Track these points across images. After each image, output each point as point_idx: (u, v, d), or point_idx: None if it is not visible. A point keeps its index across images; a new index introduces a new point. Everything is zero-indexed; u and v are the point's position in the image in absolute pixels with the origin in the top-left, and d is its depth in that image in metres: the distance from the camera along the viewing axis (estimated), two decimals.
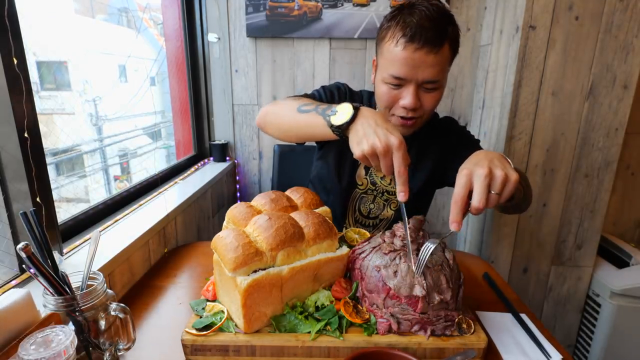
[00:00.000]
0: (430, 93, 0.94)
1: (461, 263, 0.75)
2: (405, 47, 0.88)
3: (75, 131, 3.07)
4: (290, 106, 0.92)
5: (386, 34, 0.93)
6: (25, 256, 0.50)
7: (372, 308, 0.68)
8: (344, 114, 0.77)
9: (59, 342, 0.46)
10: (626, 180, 1.70)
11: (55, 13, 2.53)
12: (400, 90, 0.94)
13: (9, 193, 0.74)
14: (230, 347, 0.63)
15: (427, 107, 0.95)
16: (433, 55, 0.88)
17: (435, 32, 0.87)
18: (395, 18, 0.91)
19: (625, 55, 1.31)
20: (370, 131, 0.72)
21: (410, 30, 0.87)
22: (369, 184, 1.11)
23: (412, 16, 0.88)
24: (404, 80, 0.92)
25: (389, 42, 0.91)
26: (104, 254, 0.82)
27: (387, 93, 0.95)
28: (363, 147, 0.71)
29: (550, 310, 1.64)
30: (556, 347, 0.69)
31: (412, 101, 0.92)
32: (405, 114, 0.95)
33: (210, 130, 1.85)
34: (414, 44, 0.87)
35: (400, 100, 0.94)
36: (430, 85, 0.92)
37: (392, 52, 0.90)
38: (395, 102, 0.96)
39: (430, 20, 0.87)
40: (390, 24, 0.92)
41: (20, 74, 0.71)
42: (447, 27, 0.90)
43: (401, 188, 0.70)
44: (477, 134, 1.70)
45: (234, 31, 1.70)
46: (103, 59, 3.35)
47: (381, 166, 0.71)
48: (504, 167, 0.66)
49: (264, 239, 0.64)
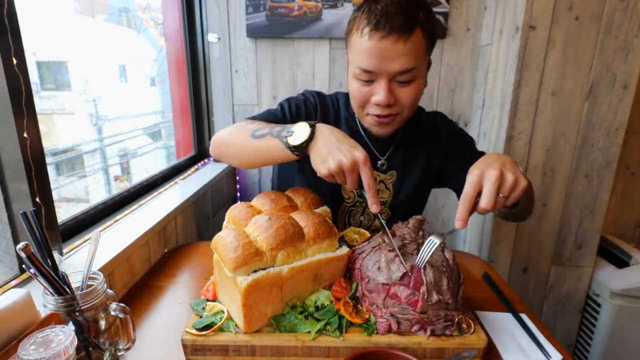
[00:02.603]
0: (406, 87, 0.87)
1: (461, 263, 0.75)
2: (370, 37, 0.82)
3: (75, 131, 3.07)
4: (243, 133, 0.87)
5: (352, 26, 0.88)
6: (25, 256, 0.50)
7: (372, 308, 0.68)
8: (301, 133, 0.75)
9: (59, 342, 0.46)
10: (626, 180, 1.70)
11: (55, 13, 2.53)
12: (372, 86, 0.88)
13: (9, 193, 0.74)
14: (230, 347, 0.63)
15: (404, 103, 0.89)
16: (402, 43, 0.81)
17: (402, 18, 0.80)
18: (361, 8, 0.86)
19: (625, 55, 1.31)
20: (334, 148, 0.71)
21: (374, 17, 0.81)
22: (356, 197, 1.07)
23: (378, 3, 0.83)
24: (373, 73, 0.85)
25: (355, 34, 0.86)
26: (104, 254, 0.82)
27: (358, 90, 0.90)
28: (329, 165, 0.71)
29: (550, 310, 1.64)
30: (556, 347, 0.69)
31: (385, 96, 0.86)
32: (379, 112, 0.89)
33: (211, 130, 1.85)
34: (379, 32, 0.81)
35: (372, 97, 0.88)
36: (404, 77, 0.85)
37: (358, 44, 0.85)
38: (368, 100, 0.90)
39: (397, 6, 0.81)
40: (357, 15, 0.86)
41: (20, 74, 0.71)
42: (418, 12, 0.83)
43: (372, 200, 0.71)
44: (477, 134, 1.70)
45: (234, 31, 1.70)
46: (103, 59, 3.35)
47: (348, 182, 0.71)
48: (515, 171, 0.67)
49: (264, 239, 0.64)
